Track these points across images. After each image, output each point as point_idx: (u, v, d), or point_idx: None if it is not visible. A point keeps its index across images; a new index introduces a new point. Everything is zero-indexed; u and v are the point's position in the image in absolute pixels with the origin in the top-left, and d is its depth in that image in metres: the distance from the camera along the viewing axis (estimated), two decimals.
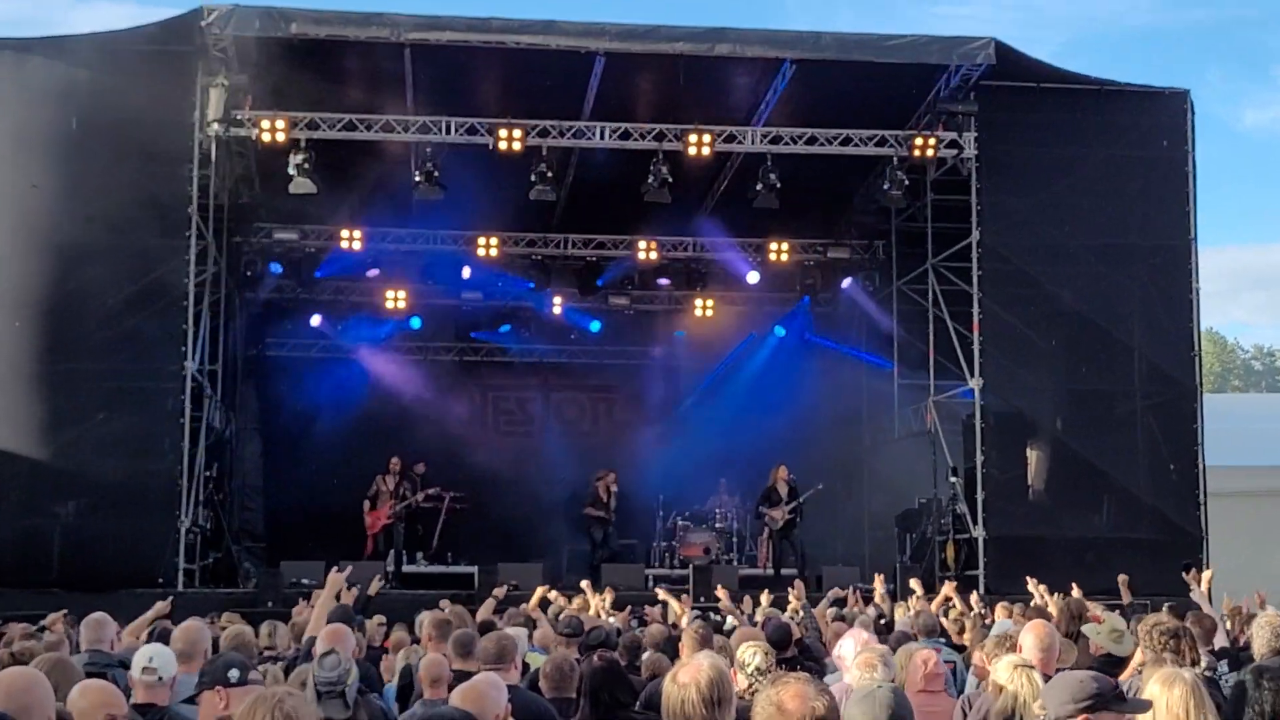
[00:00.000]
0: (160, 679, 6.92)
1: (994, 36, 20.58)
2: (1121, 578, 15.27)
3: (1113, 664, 8.33)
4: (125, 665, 8.16)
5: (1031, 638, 7.68)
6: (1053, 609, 12.58)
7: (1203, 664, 8.48)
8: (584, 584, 15.73)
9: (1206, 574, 14.63)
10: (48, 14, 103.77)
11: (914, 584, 16.27)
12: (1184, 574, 15.50)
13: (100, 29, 20.75)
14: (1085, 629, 8.90)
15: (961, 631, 12.12)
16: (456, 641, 8.84)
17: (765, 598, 14.92)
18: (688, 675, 4.52)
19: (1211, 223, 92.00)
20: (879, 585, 15.90)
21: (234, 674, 6.19)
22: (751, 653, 7.29)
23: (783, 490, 23.46)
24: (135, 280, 19.86)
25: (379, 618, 15.18)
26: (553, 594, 15.36)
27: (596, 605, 14.34)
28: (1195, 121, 22.30)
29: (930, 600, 15.29)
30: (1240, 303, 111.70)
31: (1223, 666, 9.12)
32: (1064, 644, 8.76)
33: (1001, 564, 20.76)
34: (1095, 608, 12.23)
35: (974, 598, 15.83)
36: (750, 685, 6.78)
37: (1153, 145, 22.24)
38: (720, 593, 14.84)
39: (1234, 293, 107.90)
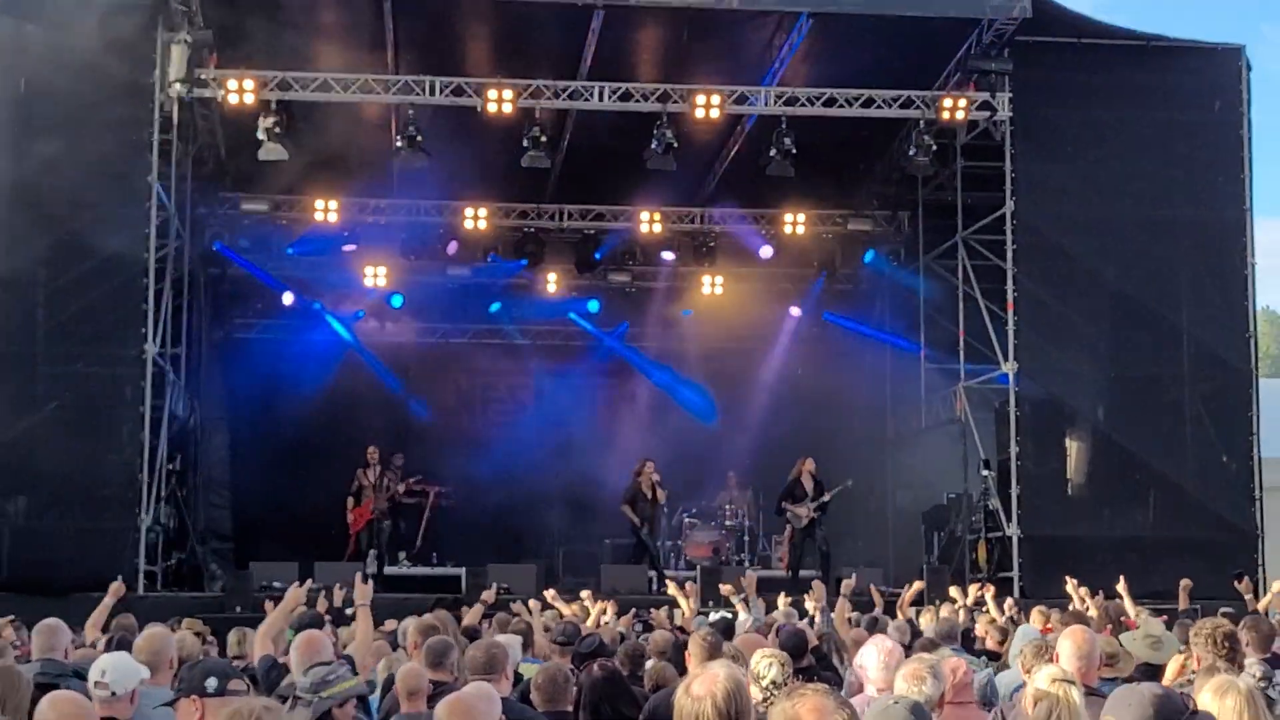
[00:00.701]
0: (114, 694, 6.89)
1: None
2: (1184, 583, 15.27)
3: (1150, 673, 8.36)
4: (80, 675, 8.16)
5: (1069, 645, 7.69)
6: (1094, 613, 12.61)
7: (1258, 672, 8.50)
8: (584, 594, 15.72)
9: (1277, 585, 14.66)
10: None
11: (955, 592, 16.26)
12: (1236, 583, 15.55)
13: None
14: (1122, 638, 8.93)
15: (1003, 641, 12.14)
16: (429, 650, 8.85)
17: (783, 601, 14.95)
18: (703, 687, 4.50)
19: (1269, 192, 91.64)
20: (909, 596, 15.84)
21: (211, 683, 6.12)
22: (767, 663, 7.31)
23: (808, 485, 23.30)
24: (90, 255, 19.85)
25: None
26: (550, 592, 15.40)
27: (596, 615, 14.35)
28: (1251, 81, 22.28)
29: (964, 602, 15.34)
30: None
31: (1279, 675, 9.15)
32: (1122, 654, 8.78)
33: (1037, 565, 20.79)
34: (1138, 612, 12.26)
35: (1009, 602, 15.84)
36: (765, 698, 6.79)
37: (1204, 107, 22.22)
38: (725, 589, 14.90)
39: None
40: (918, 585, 16.17)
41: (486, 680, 7.73)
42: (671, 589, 15.93)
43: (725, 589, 15.48)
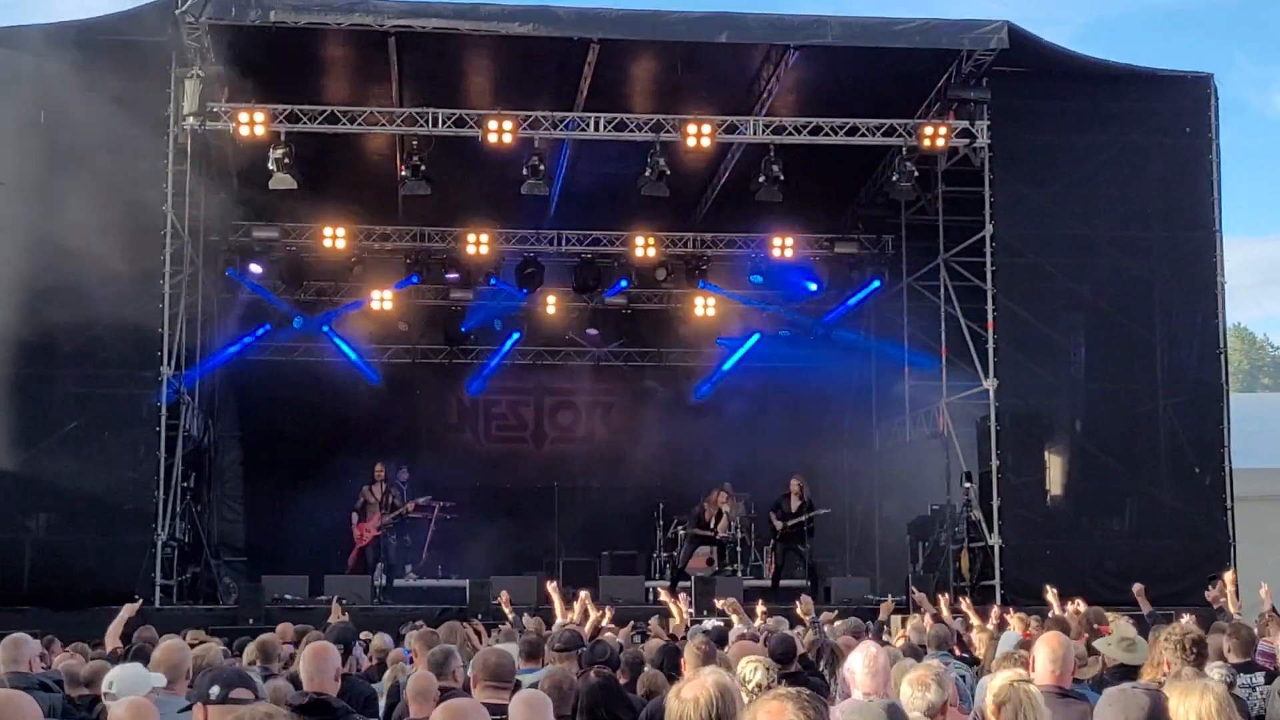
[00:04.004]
0: None
1: (1007, 20, 20.64)
2: (1137, 587, 15.23)
3: (1125, 674, 8.38)
4: (46, 687, 8.21)
5: (1045, 650, 7.72)
6: (1072, 618, 12.60)
7: (1217, 675, 8.50)
8: (582, 594, 15.64)
9: (1229, 575, 14.67)
10: None
11: (926, 600, 16.26)
12: (1210, 586, 15.55)
13: (84, 14, 20.72)
14: (1097, 642, 8.95)
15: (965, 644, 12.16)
16: (431, 659, 8.89)
17: (760, 609, 14.93)
18: (692, 691, 4.53)
19: (1240, 213, 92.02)
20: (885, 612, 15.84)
21: (215, 691, 6.11)
22: (752, 668, 7.32)
23: (793, 503, 23.27)
24: (108, 281, 19.83)
25: (364, 634, 15.24)
26: (552, 585, 15.38)
27: (595, 618, 14.30)
28: (1220, 107, 22.31)
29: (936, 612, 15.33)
30: (1270, 296, 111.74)
31: (1257, 678, 9.17)
32: (1091, 658, 8.79)
33: (1019, 573, 20.75)
34: (1116, 618, 12.27)
35: (994, 610, 15.83)
36: (751, 701, 6.79)
37: (1175, 132, 22.25)
38: (723, 604, 14.84)
39: (1263, 286, 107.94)
40: (888, 606, 16.10)
41: (497, 686, 7.76)
42: (664, 596, 15.88)
43: (722, 603, 15.35)
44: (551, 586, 15.30)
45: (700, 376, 29.16)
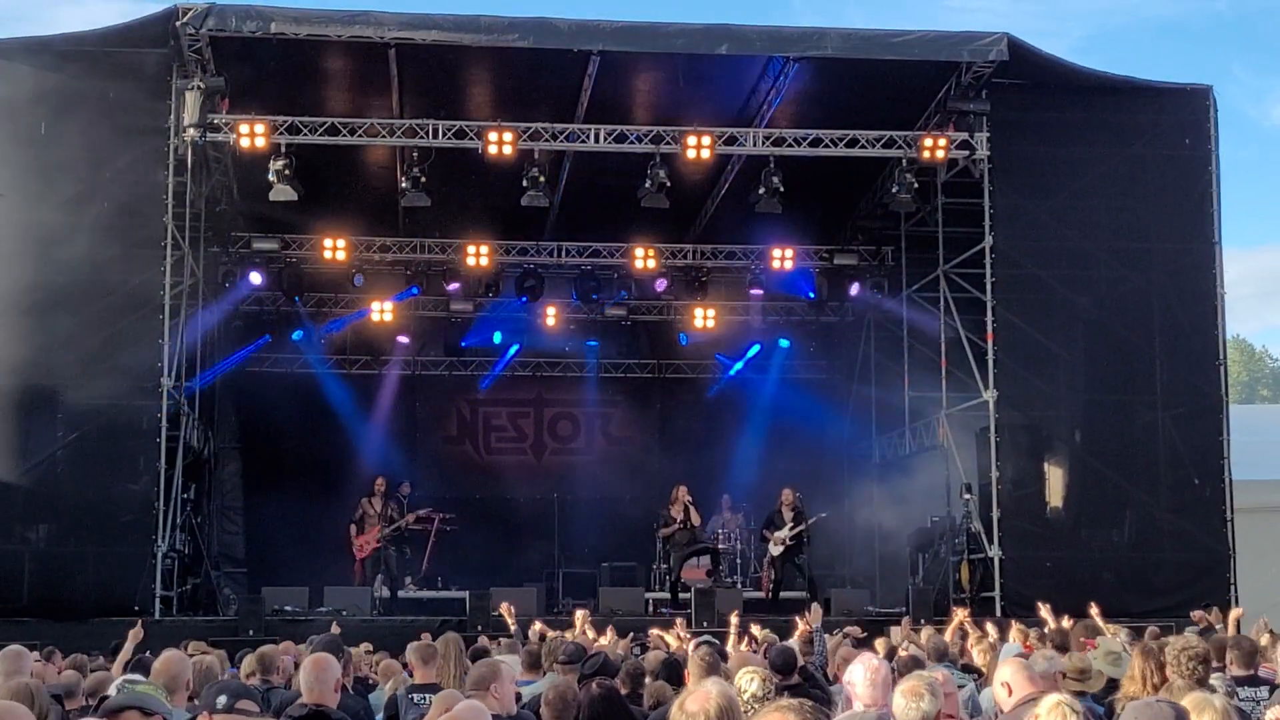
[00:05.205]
0: None
1: (1007, 32, 20.69)
2: (1151, 630, 15.12)
3: (1111, 687, 8.40)
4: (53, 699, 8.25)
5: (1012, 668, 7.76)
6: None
7: (1217, 687, 8.52)
8: (579, 615, 15.58)
9: (1235, 613, 14.67)
10: (35, 11, 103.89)
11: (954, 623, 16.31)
12: (1205, 613, 15.55)
13: (87, 26, 20.73)
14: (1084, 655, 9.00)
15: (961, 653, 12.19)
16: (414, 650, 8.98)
17: (759, 630, 14.90)
18: (696, 704, 4.54)
19: (1239, 224, 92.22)
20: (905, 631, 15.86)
21: (221, 700, 6.22)
22: (749, 679, 7.32)
23: (787, 515, 23.31)
24: (108, 292, 19.92)
25: (365, 645, 15.25)
26: (537, 625, 15.34)
27: (595, 637, 14.28)
28: (1219, 119, 22.34)
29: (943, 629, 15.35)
30: (1269, 308, 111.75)
31: (1262, 692, 9.19)
32: (1094, 671, 8.82)
33: (1018, 585, 20.76)
34: (1116, 631, 12.30)
35: (988, 622, 15.85)
36: (747, 711, 6.81)
37: (1174, 144, 22.28)
38: (733, 619, 14.82)
39: (1263, 297, 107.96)
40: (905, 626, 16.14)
41: (479, 695, 7.79)
42: (655, 633, 15.80)
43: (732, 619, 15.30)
44: (538, 627, 15.25)
45: (700, 388, 29.25)
